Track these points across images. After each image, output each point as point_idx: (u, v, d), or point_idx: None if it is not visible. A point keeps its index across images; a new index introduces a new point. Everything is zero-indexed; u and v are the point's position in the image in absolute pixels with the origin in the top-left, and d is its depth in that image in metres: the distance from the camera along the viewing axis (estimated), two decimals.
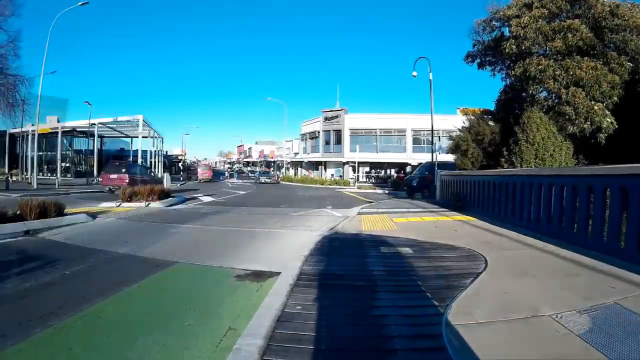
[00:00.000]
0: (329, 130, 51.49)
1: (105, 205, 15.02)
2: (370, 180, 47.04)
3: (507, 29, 18.20)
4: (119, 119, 44.59)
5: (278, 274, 5.10)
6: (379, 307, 3.74)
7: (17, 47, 31.65)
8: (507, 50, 17.24)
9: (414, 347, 2.93)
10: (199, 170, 53.07)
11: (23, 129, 41.08)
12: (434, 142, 22.56)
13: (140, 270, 5.67)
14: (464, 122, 20.29)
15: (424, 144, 45.81)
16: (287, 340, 3.02)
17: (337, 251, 6.64)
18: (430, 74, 22.00)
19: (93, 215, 11.40)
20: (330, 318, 3.47)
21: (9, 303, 4.18)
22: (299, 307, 3.70)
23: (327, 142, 52.10)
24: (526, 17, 16.83)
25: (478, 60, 19.99)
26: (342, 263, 5.65)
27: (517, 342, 2.92)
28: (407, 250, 6.36)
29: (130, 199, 15.88)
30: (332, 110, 51.34)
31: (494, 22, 19.12)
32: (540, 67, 16.14)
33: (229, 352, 2.88)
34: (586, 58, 15.92)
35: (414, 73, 22.69)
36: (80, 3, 27.60)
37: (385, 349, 2.91)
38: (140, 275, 5.37)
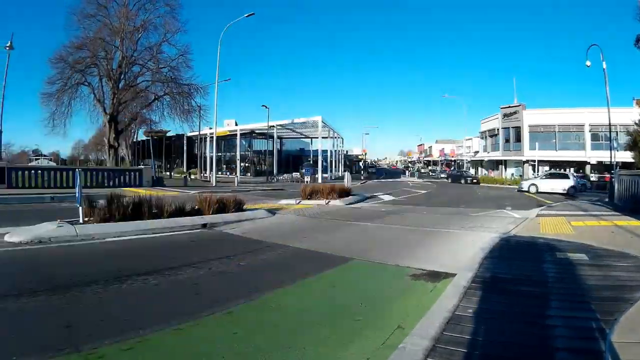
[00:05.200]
0: (508, 128, 53.86)
1: (284, 202, 17.23)
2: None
3: None
4: (296, 120, 51.49)
5: (453, 275, 5.42)
6: (546, 317, 3.88)
7: (188, 59, 39.85)
8: None
9: None
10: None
11: (201, 132, 49.75)
12: (611, 138, 23.57)
13: (315, 264, 6.39)
14: None
15: (602, 140, 45.57)
16: (453, 343, 3.22)
17: (512, 254, 7.16)
18: (604, 63, 22.54)
19: (272, 212, 12.97)
20: (497, 323, 3.70)
21: (182, 288, 5.02)
22: (469, 311, 3.96)
23: (507, 140, 54.56)
24: None
25: None
26: (516, 267, 5.99)
27: None
28: (580, 256, 6.67)
29: (310, 196, 17.83)
30: (510, 106, 53.49)
31: None
32: None
33: (393, 350, 3.11)
34: None
35: (588, 62, 23.68)
36: (247, 14, 32.60)
37: None
38: (314, 269, 6.07)
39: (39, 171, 22.86)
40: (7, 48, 24.17)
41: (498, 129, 55.87)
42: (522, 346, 3.24)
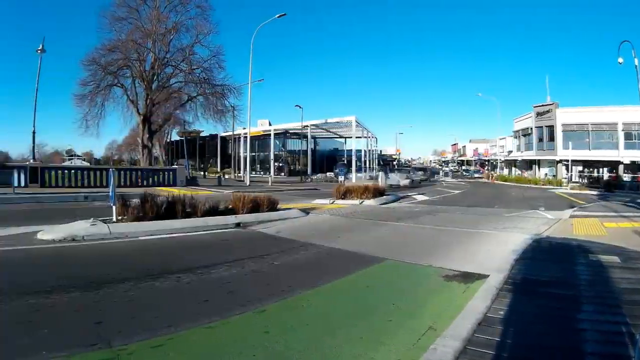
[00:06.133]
0: (541, 127, 54.05)
1: (318, 202, 17.54)
2: (583, 180, 47.96)
3: None
4: (329, 120, 52.13)
5: (486, 276, 5.50)
6: (576, 320, 3.91)
7: (221, 60, 40.57)
8: None
9: None
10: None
11: (235, 132, 50.58)
12: None
13: (348, 264, 6.45)
14: None
15: (635, 139, 46.32)
16: (484, 345, 3.29)
17: (544, 255, 7.26)
18: (636, 60, 23.12)
19: (306, 211, 13.07)
20: (527, 326, 3.76)
21: (215, 286, 5.08)
22: (501, 313, 4.03)
23: (540, 140, 54.76)
24: None
25: None
26: (548, 269, 6.07)
27: None
28: (612, 258, 6.68)
29: (344, 196, 18.10)
30: (542, 105, 53.70)
31: None
32: None
33: (424, 351, 3.17)
34: None
35: (620, 59, 24.05)
36: (278, 15, 32.82)
37: None
38: (347, 269, 6.13)
39: (72, 171, 23.76)
40: (39, 51, 25.16)
41: (531, 128, 56.19)
42: (552, 349, 3.28)
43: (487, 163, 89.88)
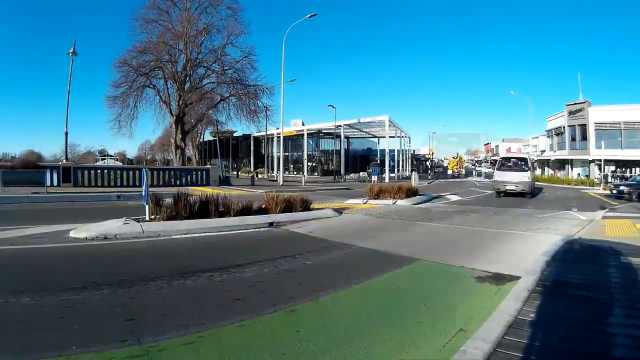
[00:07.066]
0: (574, 125, 53.28)
1: (351, 202, 17.57)
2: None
3: None
4: (362, 120, 52.29)
5: (518, 278, 5.46)
6: (607, 324, 3.88)
7: (253, 60, 40.98)
8: None
9: None
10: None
11: (268, 132, 51.09)
12: None
13: (380, 264, 6.44)
14: None
15: None
16: (514, 348, 3.27)
17: (576, 257, 7.19)
18: None
19: (339, 211, 13.09)
20: (558, 329, 3.72)
21: (247, 285, 5.11)
22: (531, 315, 4.01)
23: (573, 139, 54.06)
24: None
25: None
26: (579, 271, 5.97)
27: None
28: None
29: (377, 196, 18.09)
30: (575, 103, 52.94)
31: None
32: None
33: (453, 353, 3.18)
34: None
35: None
36: (309, 15, 33.23)
37: None
38: (379, 269, 6.14)
39: (105, 171, 24.64)
40: (70, 54, 25.88)
41: (564, 127, 55.54)
42: (582, 354, 3.26)
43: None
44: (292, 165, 65.11)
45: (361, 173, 52.96)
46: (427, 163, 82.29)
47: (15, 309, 3.93)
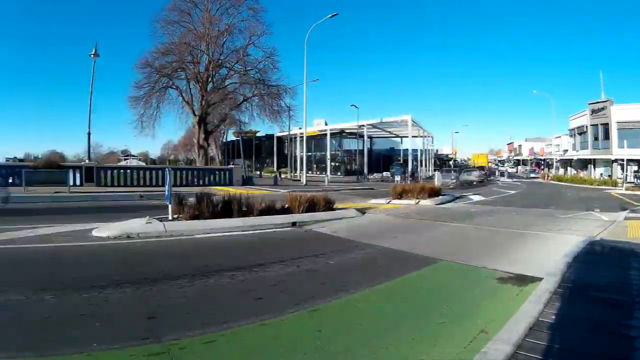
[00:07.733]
0: (597, 125, 53.06)
1: (375, 202, 17.68)
2: (638, 181, 45.67)
3: None
4: (385, 119, 52.24)
5: (540, 279, 5.45)
6: (628, 327, 3.85)
7: (275, 61, 41.21)
8: None
9: None
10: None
11: (291, 132, 51.47)
12: None
13: (402, 265, 6.45)
14: None
15: None
16: (534, 350, 3.28)
17: (598, 258, 7.16)
18: None
19: (362, 211, 13.07)
20: (579, 332, 3.72)
21: (269, 284, 5.12)
22: (553, 317, 4.01)
23: (595, 138, 53.94)
24: None
25: None
26: (601, 273, 5.95)
27: None
28: None
29: (400, 196, 18.23)
30: (597, 102, 52.84)
31: None
32: None
33: (474, 354, 3.19)
34: None
35: None
36: (330, 15, 33.08)
37: None
38: (402, 270, 6.15)
39: (128, 170, 25.01)
40: (92, 56, 26.41)
41: (586, 126, 55.37)
42: (603, 357, 3.27)
43: (542, 162, 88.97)
44: (315, 165, 65.18)
45: (384, 173, 52.63)
46: (451, 163, 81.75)
47: (38, 306, 4.01)
